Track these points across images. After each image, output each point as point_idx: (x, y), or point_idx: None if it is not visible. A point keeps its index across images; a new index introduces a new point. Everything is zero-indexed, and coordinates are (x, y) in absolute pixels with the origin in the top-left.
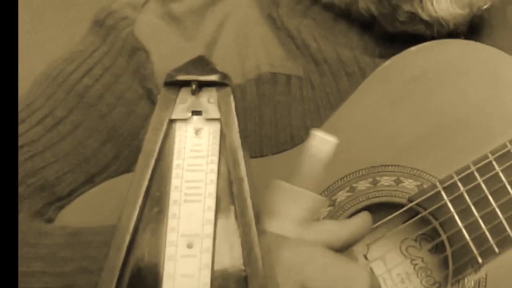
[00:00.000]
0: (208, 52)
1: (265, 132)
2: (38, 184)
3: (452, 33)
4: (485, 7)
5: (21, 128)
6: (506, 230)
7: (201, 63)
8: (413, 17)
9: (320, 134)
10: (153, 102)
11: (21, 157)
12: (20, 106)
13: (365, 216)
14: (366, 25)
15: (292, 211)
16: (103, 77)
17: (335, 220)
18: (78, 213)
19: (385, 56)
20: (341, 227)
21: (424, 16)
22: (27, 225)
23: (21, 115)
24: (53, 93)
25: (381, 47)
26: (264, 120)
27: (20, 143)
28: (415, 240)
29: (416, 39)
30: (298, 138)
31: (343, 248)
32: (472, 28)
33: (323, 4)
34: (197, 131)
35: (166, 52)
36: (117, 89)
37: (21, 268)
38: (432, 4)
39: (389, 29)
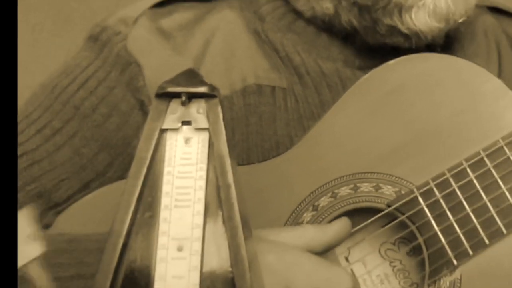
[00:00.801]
0: (196, 65)
1: (252, 140)
2: (36, 191)
3: (430, 45)
4: (460, 20)
5: (20, 138)
6: (479, 234)
7: (191, 76)
8: (393, 30)
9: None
10: (145, 113)
11: (20, 165)
12: (19, 117)
13: (344, 221)
14: (347, 37)
15: None
16: (97, 90)
17: (316, 225)
18: (74, 218)
19: (365, 68)
20: (321, 231)
21: (403, 29)
22: None
23: (20, 126)
24: (50, 105)
25: (361, 59)
26: (251, 129)
27: (19, 152)
28: (394, 243)
29: (395, 50)
30: (282, 146)
31: (324, 252)
32: (448, 40)
33: (306, 18)
34: (187, 140)
35: (157, 65)
36: (111, 100)
37: (18, 273)
38: (411, 18)
39: (370, 41)
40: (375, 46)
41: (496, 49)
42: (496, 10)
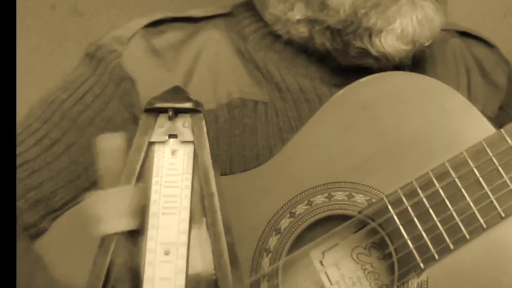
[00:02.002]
0: (186, 81)
1: (235, 150)
2: (35, 198)
3: (398, 66)
4: (426, 44)
5: (21, 148)
6: (445, 240)
7: (177, 92)
8: (364, 52)
9: (107, 134)
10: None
11: (20, 174)
12: (20, 128)
13: None
14: (323, 58)
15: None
16: (93, 104)
17: None
18: (68, 225)
19: (340, 85)
20: None
21: (373, 52)
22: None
23: (20, 137)
24: (49, 117)
25: (336, 77)
26: (234, 140)
27: (20, 161)
28: (365, 248)
29: (366, 71)
30: (262, 157)
31: None
32: (418, 61)
33: (284, 40)
34: (173, 152)
35: (149, 81)
36: (105, 114)
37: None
38: (380, 41)
39: (342, 62)
40: (348, 66)
41: (465, 70)
42: (464, 34)
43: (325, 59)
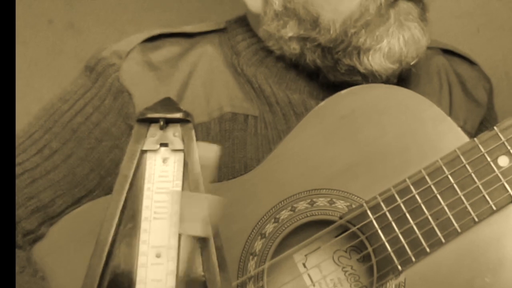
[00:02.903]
0: (180, 95)
1: (224, 161)
2: (35, 206)
3: (384, 83)
4: (412, 62)
5: (22, 157)
6: (421, 244)
7: (168, 104)
8: (352, 69)
9: (204, 143)
10: None
11: (21, 183)
12: (22, 137)
13: None
14: (312, 73)
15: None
16: (93, 116)
17: None
18: (65, 229)
19: None
20: None
21: (361, 69)
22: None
23: (22, 146)
24: (50, 127)
25: (325, 92)
26: (224, 151)
27: (21, 170)
28: (346, 251)
29: (354, 85)
30: (250, 168)
31: None
32: (403, 79)
33: (276, 56)
34: (164, 160)
35: (146, 94)
36: (104, 125)
37: None
38: (368, 59)
39: (331, 79)
40: (336, 82)
41: (448, 86)
42: (448, 52)
43: (315, 75)
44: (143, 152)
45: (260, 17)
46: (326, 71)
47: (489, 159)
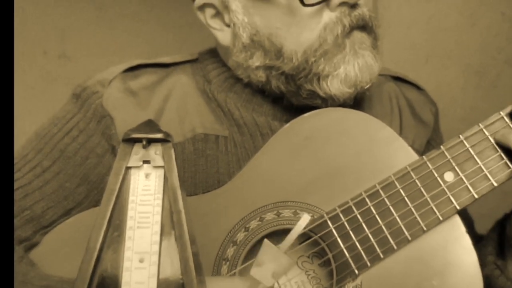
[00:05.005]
0: (157, 118)
1: (198, 177)
2: (28, 216)
3: (342, 106)
4: (366, 86)
5: (17, 175)
6: (376, 250)
7: (150, 125)
8: (313, 94)
9: (308, 216)
10: (116, 155)
11: (17, 197)
12: (17, 158)
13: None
14: (277, 98)
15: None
16: (79, 137)
17: (240, 277)
18: (58, 238)
19: (291, 121)
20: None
21: (321, 94)
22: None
23: (17, 165)
24: (41, 148)
25: (288, 115)
26: (198, 168)
27: (16, 186)
28: (309, 257)
29: (314, 109)
30: (222, 183)
31: None
32: (358, 102)
33: (244, 83)
34: (147, 175)
35: (126, 118)
36: (89, 145)
37: None
38: (327, 85)
39: (294, 102)
40: (299, 105)
41: (398, 110)
42: (397, 79)
43: (279, 99)
44: (128, 168)
45: (229, 49)
46: (289, 95)
47: (436, 174)
